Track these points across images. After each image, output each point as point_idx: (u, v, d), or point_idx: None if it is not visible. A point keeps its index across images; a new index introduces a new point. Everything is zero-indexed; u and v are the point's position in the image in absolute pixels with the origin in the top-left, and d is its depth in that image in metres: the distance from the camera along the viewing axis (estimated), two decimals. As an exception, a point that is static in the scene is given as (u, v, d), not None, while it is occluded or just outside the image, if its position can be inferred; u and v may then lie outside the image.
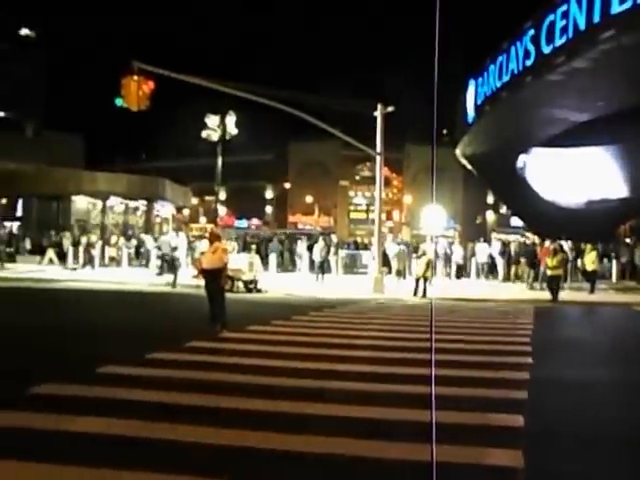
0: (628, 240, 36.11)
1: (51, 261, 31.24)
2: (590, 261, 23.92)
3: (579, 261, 26.74)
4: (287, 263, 33.01)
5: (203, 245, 29.51)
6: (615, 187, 42.42)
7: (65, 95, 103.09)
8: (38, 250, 33.28)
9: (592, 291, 23.10)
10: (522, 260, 27.47)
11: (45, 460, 5.10)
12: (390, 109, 23.30)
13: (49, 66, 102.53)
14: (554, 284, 20.43)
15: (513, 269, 28.45)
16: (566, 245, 26.95)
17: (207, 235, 15.31)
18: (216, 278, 12.92)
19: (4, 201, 40.56)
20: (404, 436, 5.95)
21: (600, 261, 26.91)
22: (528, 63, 30.92)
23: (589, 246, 25.11)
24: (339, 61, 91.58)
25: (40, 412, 6.49)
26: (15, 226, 39.08)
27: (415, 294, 20.94)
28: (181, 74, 21.59)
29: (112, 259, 32.27)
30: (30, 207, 39.24)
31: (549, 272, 20.65)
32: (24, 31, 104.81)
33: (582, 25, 26.38)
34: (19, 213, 40.02)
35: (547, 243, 26.59)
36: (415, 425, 5.97)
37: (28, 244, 34.91)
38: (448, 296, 21.09)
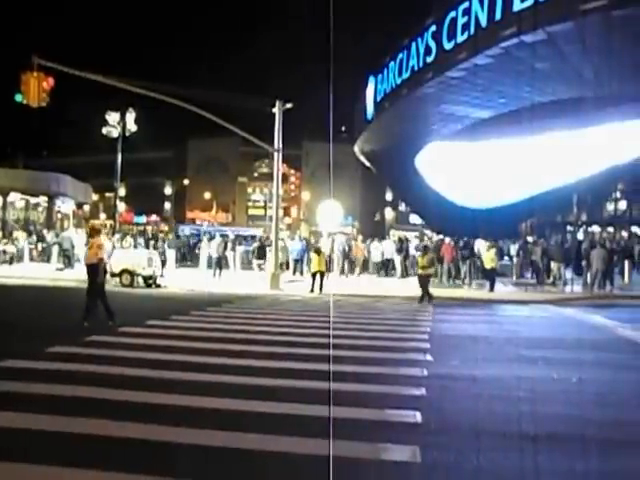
0: (530, 238, 34.99)
1: None
2: (489, 259, 22.59)
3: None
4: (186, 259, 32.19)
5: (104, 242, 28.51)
6: (518, 184, 41.67)
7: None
8: None
9: (492, 289, 22.08)
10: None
11: None
12: (288, 106, 22.89)
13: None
14: (425, 283, 18.65)
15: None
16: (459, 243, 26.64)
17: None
18: (91, 273, 12.53)
19: None
20: (302, 431, 5.83)
21: (500, 259, 25.88)
22: (429, 59, 30.26)
23: (487, 244, 23.89)
24: (238, 58, 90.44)
25: None
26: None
27: (312, 290, 20.57)
28: (81, 70, 20.52)
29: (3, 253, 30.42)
30: None
31: (420, 271, 18.92)
32: None
33: (484, 22, 26.12)
34: None
35: (447, 240, 26.66)
36: (313, 420, 5.92)
37: None
38: (344, 292, 20.76)
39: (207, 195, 79.25)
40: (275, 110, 22.74)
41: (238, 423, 6.06)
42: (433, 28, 30.20)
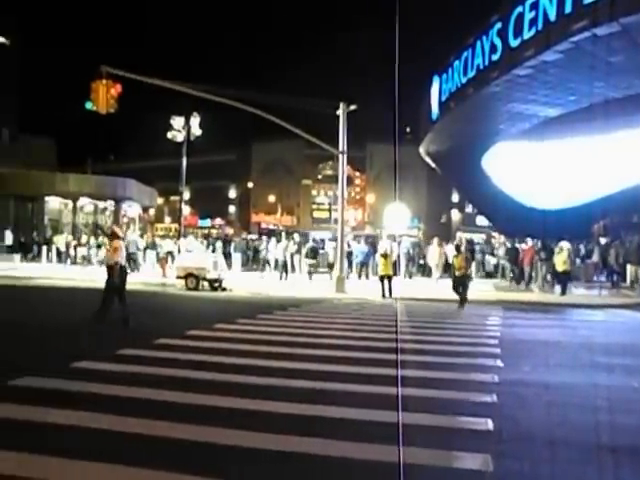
0: (603, 239, 33.42)
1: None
2: (561, 261, 21.91)
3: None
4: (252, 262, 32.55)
5: (167, 245, 29.32)
6: (590, 184, 40.15)
7: (38, 101, 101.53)
8: (17, 249, 32.98)
9: (564, 292, 21.48)
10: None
11: (19, 449, 5.06)
12: (353, 107, 22.87)
13: (22, 73, 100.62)
14: (461, 285, 17.80)
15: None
16: (530, 243, 25.95)
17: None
18: (110, 274, 12.98)
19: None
20: (366, 436, 5.77)
21: (573, 262, 24.59)
22: (494, 57, 29.68)
23: (560, 246, 22.95)
24: (300, 60, 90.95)
25: (18, 403, 6.48)
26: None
27: (383, 295, 20.02)
28: (147, 77, 21.19)
29: (83, 258, 31.69)
30: (7, 208, 38.27)
31: (457, 273, 17.94)
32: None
33: (552, 16, 25.37)
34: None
35: (530, 242, 25.80)
36: (379, 426, 5.86)
37: (7, 240, 34.42)
38: (412, 296, 20.34)
39: (271, 198, 79.81)
40: (339, 112, 22.80)
41: (300, 427, 6.05)
42: (499, 25, 29.61)
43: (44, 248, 32.09)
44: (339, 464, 5.15)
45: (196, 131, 29.80)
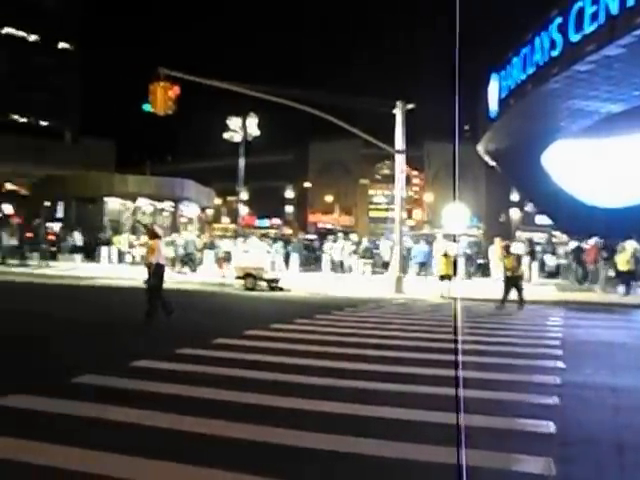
0: None
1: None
2: (624, 261, 21.23)
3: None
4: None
5: (225, 245, 29.76)
6: None
7: (99, 103, 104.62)
8: (79, 249, 33.95)
9: (627, 293, 20.82)
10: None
11: (82, 445, 5.22)
12: (410, 106, 22.71)
13: (84, 77, 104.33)
14: (513, 285, 17.08)
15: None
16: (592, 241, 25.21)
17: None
18: (149, 273, 13.43)
19: (47, 203, 41.07)
20: (424, 438, 5.72)
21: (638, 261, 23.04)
22: (554, 53, 29.18)
23: (622, 245, 22.21)
24: (357, 59, 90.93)
25: (80, 400, 6.68)
26: (56, 227, 39.52)
27: (442, 294, 19.86)
28: (205, 78, 21.55)
29: (142, 257, 32.37)
30: (69, 209, 39.51)
31: (508, 273, 17.27)
32: (62, 45, 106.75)
33: (615, 10, 24.86)
34: (59, 214, 40.39)
35: (593, 241, 25.12)
36: (443, 428, 5.69)
37: (77, 240, 35.48)
38: (472, 296, 19.93)
39: (329, 198, 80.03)
40: (396, 111, 22.69)
41: (355, 427, 6.03)
42: (559, 20, 28.98)
43: (104, 248, 32.91)
44: (395, 465, 5.11)
45: (254, 131, 30.12)
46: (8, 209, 62.91)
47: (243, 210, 48.39)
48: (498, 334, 12.49)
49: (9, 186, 73.16)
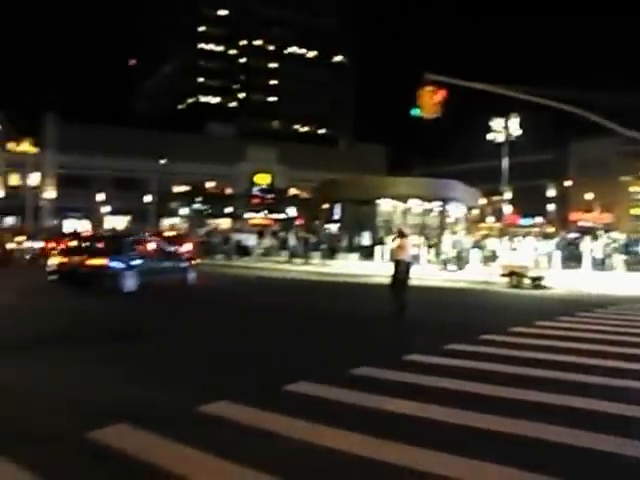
0: None
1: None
2: None
3: None
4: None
5: (490, 244, 29.85)
6: None
7: (371, 111, 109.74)
8: (364, 248, 36.29)
9: None
10: None
11: (360, 432, 5.63)
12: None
13: (356, 87, 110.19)
14: None
15: None
16: None
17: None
18: (396, 269, 13.98)
19: (325, 206, 44.26)
20: None
21: None
22: None
23: None
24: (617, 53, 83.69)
25: (358, 390, 7.12)
26: (334, 228, 42.48)
27: None
28: (468, 81, 21.92)
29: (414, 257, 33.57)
30: (345, 211, 42.29)
31: None
32: (336, 58, 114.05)
33: None
34: (336, 216, 43.28)
35: None
36: None
37: (365, 240, 38.08)
38: None
39: (588, 196, 75.68)
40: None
41: (619, 428, 5.83)
42: None
43: (378, 248, 34.72)
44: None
45: (515, 131, 29.74)
46: (292, 212, 69.05)
47: (507, 209, 47.59)
48: None
49: (293, 190, 79.79)
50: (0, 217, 61.04)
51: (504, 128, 29.89)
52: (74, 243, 20.94)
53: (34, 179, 63.51)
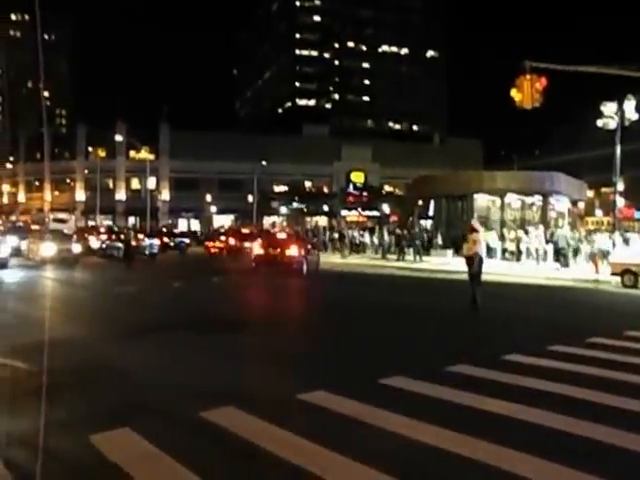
0: None
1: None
2: None
3: None
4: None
5: (599, 239, 27.62)
6: None
7: (464, 105, 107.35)
8: (449, 244, 35.09)
9: None
10: None
11: (454, 429, 5.53)
12: None
13: (449, 81, 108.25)
14: None
15: None
16: None
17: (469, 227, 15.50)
18: (470, 264, 14.12)
19: (420, 202, 43.45)
20: None
21: None
22: None
23: None
24: None
25: (452, 387, 7.00)
26: (428, 224, 41.53)
27: None
28: (572, 65, 20.27)
29: (511, 253, 31.87)
30: (440, 207, 41.21)
31: None
32: (430, 53, 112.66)
33: None
34: (431, 212, 42.31)
35: None
36: None
37: (440, 239, 37.17)
38: None
39: None
40: None
41: None
42: None
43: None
44: None
45: (632, 116, 27.20)
46: (386, 209, 68.42)
47: (620, 202, 44.32)
48: None
49: (387, 188, 79.30)
50: (124, 217, 69.16)
51: (616, 113, 27.37)
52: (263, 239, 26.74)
53: (151, 183, 68.02)
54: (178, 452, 4.99)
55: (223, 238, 39.01)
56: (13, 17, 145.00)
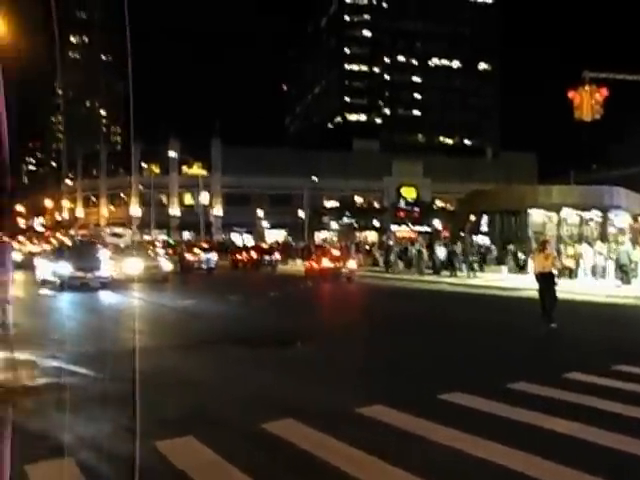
0: None
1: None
2: None
3: None
4: None
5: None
6: None
7: (517, 118, 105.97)
8: (504, 260, 34.56)
9: None
10: None
11: (513, 446, 5.48)
12: None
13: (503, 94, 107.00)
14: None
15: None
16: None
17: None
18: (543, 280, 13.72)
19: (472, 217, 42.97)
20: None
21: None
22: None
23: None
24: None
25: (513, 405, 6.93)
26: (479, 239, 41.00)
27: None
28: (634, 74, 19.83)
29: (566, 269, 31.12)
30: (493, 222, 40.68)
31: None
32: (482, 66, 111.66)
33: None
34: (484, 228, 41.77)
35: None
36: None
37: (494, 254, 36.76)
38: None
39: None
40: None
41: None
42: None
43: (530, 260, 32.61)
44: None
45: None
46: (438, 224, 67.88)
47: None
48: None
49: (439, 203, 78.72)
50: (178, 232, 70.99)
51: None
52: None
53: (204, 198, 69.44)
54: (240, 461, 5.16)
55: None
56: (73, 40, 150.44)
